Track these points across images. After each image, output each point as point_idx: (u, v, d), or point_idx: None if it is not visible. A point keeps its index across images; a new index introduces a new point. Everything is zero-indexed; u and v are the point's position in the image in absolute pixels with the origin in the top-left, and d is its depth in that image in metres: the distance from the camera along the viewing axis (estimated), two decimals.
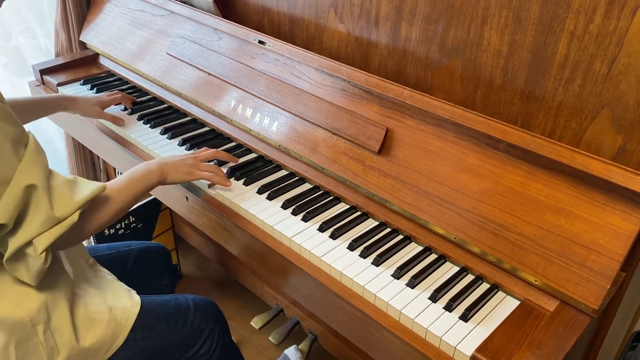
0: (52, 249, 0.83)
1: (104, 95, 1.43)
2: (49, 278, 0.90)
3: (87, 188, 0.87)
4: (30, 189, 0.79)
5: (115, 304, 0.99)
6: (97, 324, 0.95)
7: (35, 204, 0.79)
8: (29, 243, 0.80)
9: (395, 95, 1.07)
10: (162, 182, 1.06)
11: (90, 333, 0.93)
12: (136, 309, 1.01)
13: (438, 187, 1.01)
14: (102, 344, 0.95)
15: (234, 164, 1.24)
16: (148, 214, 1.82)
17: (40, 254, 0.81)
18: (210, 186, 1.17)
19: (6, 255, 0.81)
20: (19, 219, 0.79)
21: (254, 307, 1.78)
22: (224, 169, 1.22)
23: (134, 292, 1.05)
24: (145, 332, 1.01)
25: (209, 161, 1.19)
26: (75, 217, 0.83)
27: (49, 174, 0.83)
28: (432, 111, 1.02)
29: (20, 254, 0.81)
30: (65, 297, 0.91)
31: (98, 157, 1.98)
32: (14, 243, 0.79)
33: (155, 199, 1.80)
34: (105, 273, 1.07)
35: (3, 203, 0.76)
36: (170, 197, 1.28)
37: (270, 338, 1.60)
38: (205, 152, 1.18)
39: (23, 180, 0.78)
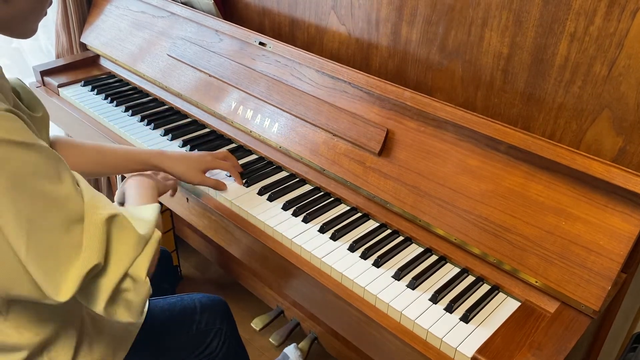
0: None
1: (208, 154, 1.18)
2: (63, 308, 0.85)
3: (148, 211, 0.82)
4: (112, 219, 0.72)
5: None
6: (98, 339, 0.93)
7: (118, 231, 0.72)
8: (124, 276, 0.73)
9: (396, 97, 1.07)
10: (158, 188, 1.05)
11: (89, 352, 0.92)
12: (141, 318, 1.00)
13: (438, 189, 1.01)
14: (104, 357, 0.94)
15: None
16: None
17: (145, 279, 0.74)
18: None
19: (104, 298, 0.72)
20: (107, 257, 0.72)
21: (255, 309, 1.78)
22: (224, 171, 1.22)
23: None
24: (149, 341, 1.01)
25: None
26: (157, 234, 0.78)
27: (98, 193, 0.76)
28: (432, 113, 1.02)
29: (116, 294, 0.73)
30: (73, 320, 0.89)
31: None
32: (109, 282, 0.71)
33: None
34: None
35: (88, 242, 0.68)
36: (171, 198, 1.28)
37: (270, 339, 1.60)
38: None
39: (101, 212, 0.70)
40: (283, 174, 1.25)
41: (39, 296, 0.68)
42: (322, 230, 1.06)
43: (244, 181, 1.19)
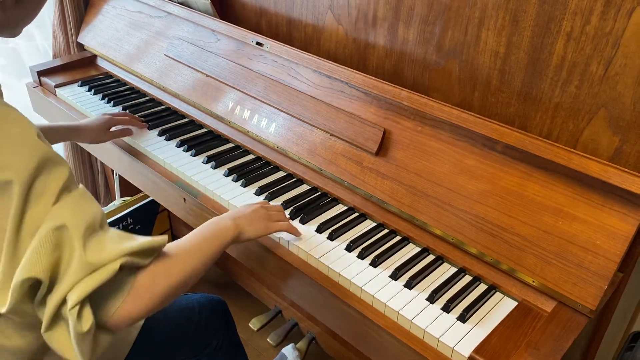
0: (99, 319, 0.68)
1: (107, 115, 1.34)
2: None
3: (141, 239, 0.71)
4: (59, 231, 0.64)
5: None
6: (100, 344, 0.93)
7: (66, 249, 0.65)
8: (64, 301, 0.65)
9: (393, 97, 1.07)
10: (237, 238, 0.92)
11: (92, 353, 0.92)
12: (139, 322, 1.00)
13: (436, 188, 1.01)
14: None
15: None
16: (146, 216, 1.82)
17: (71, 309, 0.63)
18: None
19: (44, 321, 0.65)
20: (55, 274, 0.64)
21: (253, 309, 1.78)
22: (221, 171, 1.22)
23: None
24: (148, 343, 1.01)
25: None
26: (116, 264, 0.66)
27: (96, 226, 0.69)
28: (429, 112, 1.02)
29: (59, 318, 0.66)
30: None
31: (96, 158, 1.98)
32: (50, 304, 0.64)
33: (153, 200, 1.80)
34: None
35: (33, 253, 0.62)
36: (168, 198, 1.28)
37: (268, 339, 1.60)
38: (274, 207, 1.04)
39: (51, 223, 0.64)
40: (280, 174, 1.25)
41: None
42: (320, 230, 1.06)
43: (241, 181, 1.19)
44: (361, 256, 1.00)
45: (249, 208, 0.98)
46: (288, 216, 1.09)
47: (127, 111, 1.47)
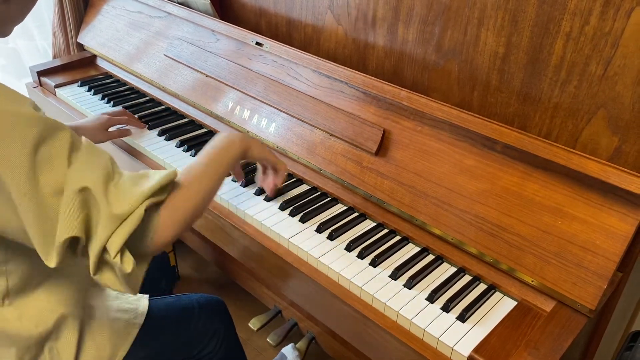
0: (140, 252, 0.76)
1: (106, 114, 1.32)
2: (65, 295, 0.88)
3: (155, 177, 0.77)
4: (82, 193, 0.70)
5: (119, 316, 0.98)
6: (97, 340, 0.94)
7: (94, 207, 0.71)
8: (105, 250, 0.72)
9: (393, 97, 1.07)
10: (244, 154, 0.97)
11: (91, 349, 0.93)
12: (140, 319, 1.00)
13: (435, 188, 1.01)
14: (104, 357, 0.94)
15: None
16: None
17: (114, 257, 0.72)
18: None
19: (91, 267, 0.73)
20: (88, 229, 0.72)
21: (252, 309, 1.78)
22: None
23: (144, 298, 1.04)
24: (147, 341, 1.01)
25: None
26: (141, 210, 0.73)
27: (111, 174, 0.74)
28: (429, 112, 1.03)
29: (104, 264, 0.74)
30: (75, 314, 0.90)
31: None
32: (91, 253, 0.72)
33: None
34: None
35: (63, 215, 0.69)
36: None
37: (268, 339, 1.60)
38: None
39: (73, 186, 0.70)
40: None
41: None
42: (319, 230, 1.06)
43: (240, 182, 1.19)
44: (361, 256, 1.00)
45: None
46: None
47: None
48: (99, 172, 0.72)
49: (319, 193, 1.18)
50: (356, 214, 1.12)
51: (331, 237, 1.04)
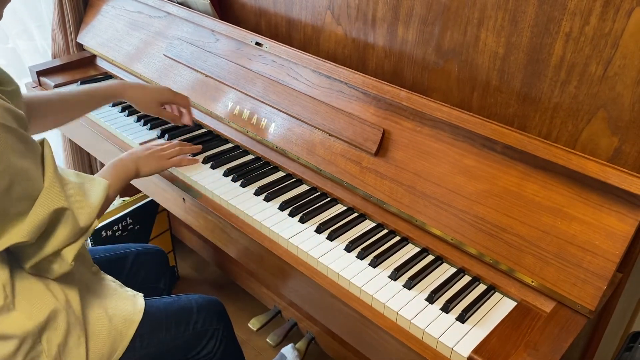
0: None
1: (168, 90, 1.27)
2: (58, 289, 0.90)
3: (96, 190, 0.90)
4: (59, 211, 0.81)
5: (117, 313, 0.98)
6: (96, 337, 0.94)
7: (64, 220, 0.82)
8: (56, 253, 0.84)
9: (392, 97, 1.07)
10: (137, 176, 1.10)
11: (90, 345, 0.93)
12: (138, 317, 1.00)
13: (435, 189, 1.01)
14: (100, 356, 0.94)
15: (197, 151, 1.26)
16: (145, 216, 1.82)
17: (72, 262, 0.85)
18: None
19: (30, 264, 0.83)
20: (44, 233, 0.81)
21: (252, 309, 1.78)
22: (220, 171, 1.22)
23: (139, 297, 1.04)
24: (146, 340, 1.01)
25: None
26: (96, 223, 0.88)
27: (61, 178, 0.84)
28: (428, 113, 1.02)
29: (45, 261, 0.84)
30: (70, 309, 0.91)
31: (96, 158, 1.98)
32: (40, 254, 0.82)
33: (152, 200, 1.80)
34: (109, 280, 1.05)
35: (29, 223, 0.78)
36: (168, 198, 1.28)
37: (268, 340, 1.60)
38: (170, 147, 1.21)
39: (50, 204, 0.79)
40: (280, 174, 1.25)
41: None
42: (319, 230, 1.06)
43: (240, 181, 1.19)
44: (360, 256, 1.00)
45: (145, 150, 1.13)
46: (208, 164, 1.23)
47: (127, 112, 1.47)
48: (60, 185, 0.82)
49: (318, 193, 1.18)
50: (356, 215, 1.12)
51: (331, 238, 1.04)
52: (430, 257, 1.02)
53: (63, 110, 1.16)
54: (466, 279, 0.98)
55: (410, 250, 1.04)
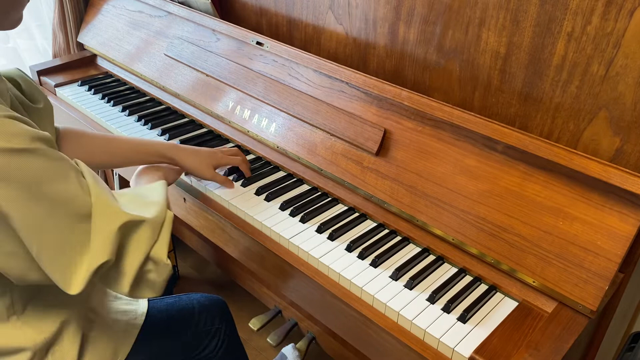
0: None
1: (219, 151, 1.19)
2: (67, 300, 0.86)
3: (156, 189, 0.87)
4: (125, 226, 0.73)
5: (119, 317, 0.98)
6: (98, 341, 0.93)
7: (133, 232, 0.75)
8: (146, 260, 0.77)
9: (393, 97, 1.07)
10: (180, 165, 1.10)
11: (93, 352, 0.92)
12: (140, 320, 1.00)
13: (436, 189, 1.01)
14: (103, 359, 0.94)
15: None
16: None
17: (167, 260, 0.79)
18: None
19: (129, 282, 0.76)
20: (120, 249, 0.74)
21: (252, 309, 1.78)
22: (221, 171, 1.22)
23: (143, 299, 1.04)
24: (148, 342, 1.00)
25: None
26: (170, 214, 0.83)
27: (107, 189, 0.76)
28: (430, 112, 1.02)
29: (139, 276, 0.77)
30: (77, 318, 0.89)
31: None
32: (130, 267, 0.75)
33: None
34: None
35: (97, 240, 0.71)
36: (168, 198, 1.28)
37: (268, 339, 1.60)
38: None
39: (114, 218, 0.72)
40: (280, 174, 1.24)
41: (54, 284, 0.71)
42: (320, 230, 1.06)
43: (241, 181, 1.19)
44: (361, 256, 1.00)
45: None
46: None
47: (127, 111, 1.47)
48: (111, 195, 0.75)
49: (319, 193, 1.18)
50: (357, 214, 1.12)
51: (332, 238, 1.04)
52: (431, 257, 1.02)
53: (105, 153, 1.08)
54: (467, 279, 0.98)
55: (411, 250, 1.04)
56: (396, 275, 0.96)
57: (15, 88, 0.88)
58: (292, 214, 1.10)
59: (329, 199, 1.16)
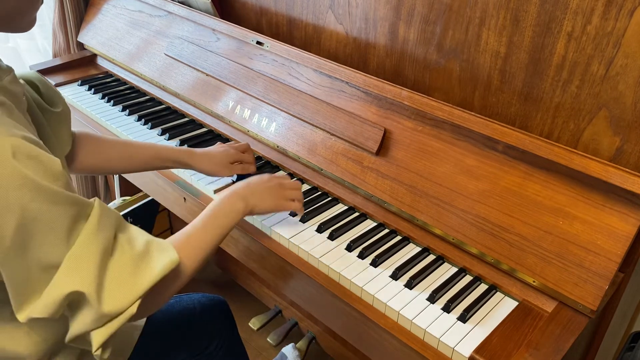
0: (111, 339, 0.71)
1: (231, 148, 1.19)
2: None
3: (158, 264, 0.72)
4: (75, 294, 0.65)
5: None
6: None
7: (83, 302, 0.67)
8: (80, 336, 0.70)
9: (393, 97, 1.07)
10: (248, 214, 0.96)
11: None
12: (141, 323, 1.00)
13: (436, 188, 1.01)
14: None
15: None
16: (146, 216, 1.82)
17: (95, 351, 0.69)
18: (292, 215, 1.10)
19: (67, 339, 0.70)
20: (71, 308, 0.68)
21: (253, 308, 1.78)
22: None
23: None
24: (150, 343, 1.00)
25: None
26: (133, 309, 0.69)
27: (109, 250, 0.69)
28: (430, 112, 1.02)
29: (76, 341, 0.71)
30: None
31: None
32: (71, 331, 0.69)
33: (152, 200, 1.80)
34: None
35: (45, 299, 0.64)
36: (168, 198, 1.28)
37: (268, 339, 1.60)
38: (293, 188, 1.05)
39: (66, 286, 0.64)
40: (280, 173, 1.24)
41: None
42: (320, 230, 1.06)
43: (240, 181, 1.19)
44: (361, 256, 1.00)
45: (263, 183, 1.00)
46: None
47: (127, 111, 1.47)
48: (96, 257, 0.66)
49: (319, 193, 1.18)
50: (357, 214, 1.12)
51: (332, 237, 1.04)
52: (431, 257, 1.02)
53: (122, 158, 1.07)
54: (467, 278, 0.98)
55: (411, 250, 1.04)
56: (396, 275, 0.96)
57: (34, 91, 0.88)
58: (292, 214, 1.10)
59: (329, 198, 1.16)
